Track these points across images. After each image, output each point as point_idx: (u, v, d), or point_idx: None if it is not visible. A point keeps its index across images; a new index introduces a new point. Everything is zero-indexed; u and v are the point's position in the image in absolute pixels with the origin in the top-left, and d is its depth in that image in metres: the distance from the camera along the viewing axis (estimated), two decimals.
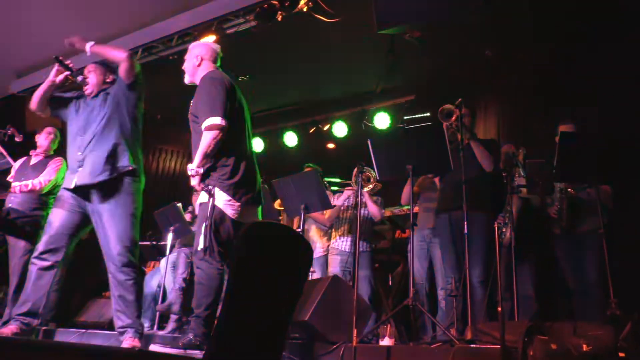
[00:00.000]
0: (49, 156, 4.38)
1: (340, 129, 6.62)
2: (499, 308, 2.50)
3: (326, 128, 6.74)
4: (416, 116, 6.03)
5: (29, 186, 4.13)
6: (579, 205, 3.58)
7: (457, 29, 4.66)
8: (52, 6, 4.91)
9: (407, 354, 2.68)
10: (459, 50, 5.12)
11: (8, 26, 5.19)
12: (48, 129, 4.46)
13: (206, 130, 2.81)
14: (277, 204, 4.88)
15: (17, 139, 4.38)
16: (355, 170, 4.37)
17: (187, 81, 3.17)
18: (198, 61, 3.10)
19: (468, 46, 5.03)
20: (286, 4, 4.52)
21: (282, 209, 4.66)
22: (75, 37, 3.20)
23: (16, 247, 4.07)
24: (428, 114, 5.86)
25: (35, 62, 5.80)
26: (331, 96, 6.55)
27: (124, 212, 3.03)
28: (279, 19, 4.56)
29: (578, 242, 3.56)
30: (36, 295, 2.96)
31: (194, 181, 2.85)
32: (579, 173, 3.27)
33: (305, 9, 4.46)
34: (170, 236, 4.89)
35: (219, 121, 2.80)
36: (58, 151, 4.45)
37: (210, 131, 2.80)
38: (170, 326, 4.67)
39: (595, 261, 3.35)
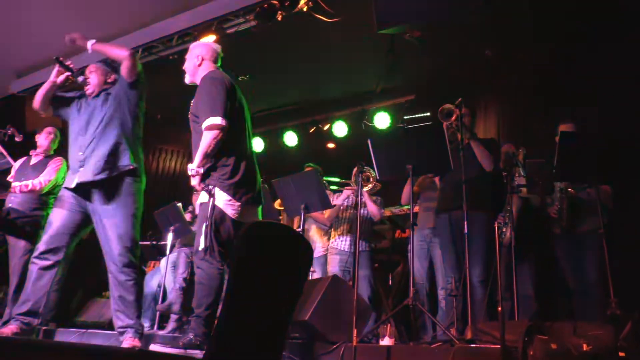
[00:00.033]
0: (49, 156, 4.38)
1: (340, 129, 6.62)
2: (499, 308, 2.50)
3: (326, 128, 6.74)
4: (416, 116, 6.04)
5: (29, 186, 4.13)
6: (579, 205, 3.58)
7: (457, 29, 4.66)
8: (52, 6, 4.91)
9: (407, 354, 2.68)
10: (459, 50, 5.12)
11: (8, 26, 5.19)
12: (48, 129, 4.46)
13: (206, 130, 2.81)
14: (277, 204, 4.88)
15: (17, 139, 4.38)
16: (355, 169, 4.37)
17: (188, 81, 3.17)
18: (199, 61, 3.10)
19: (468, 46, 5.03)
20: (286, 4, 4.52)
21: (282, 209, 4.65)
22: (76, 34, 3.20)
23: (16, 247, 4.07)
24: (428, 114, 5.86)
25: (35, 62, 5.80)
26: (331, 96, 6.54)
27: (125, 213, 3.03)
28: (279, 19, 4.56)
29: (578, 242, 3.56)
30: (36, 295, 2.95)
31: (194, 181, 2.85)
32: (579, 173, 3.27)
33: (305, 9, 4.45)
34: (170, 236, 4.89)
35: (220, 121, 2.81)
36: (58, 151, 4.45)
37: (210, 131, 2.80)
38: (170, 326, 4.67)
39: (595, 261, 3.35)
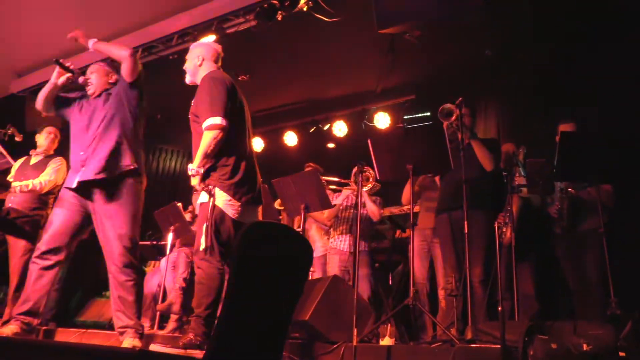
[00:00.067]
0: (49, 156, 4.38)
1: (340, 129, 6.62)
2: (500, 307, 2.50)
3: (326, 128, 6.75)
4: (416, 116, 6.04)
5: (29, 186, 4.13)
6: (580, 204, 3.57)
7: (457, 29, 4.65)
8: (52, 6, 4.91)
9: (408, 354, 2.68)
10: (459, 50, 5.11)
11: (8, 26, 5.19)
12: (48, 129, 4.46)
13: (207, 130, 2.81)
14: (277, 204, 4.88)
15: (17, 139, 4.39)
16: (355, 169, 4.37)
17: (189, 81, 3.17)
18: (199, 61, 3.10)
19: (468, 46, 5.03)
20: (286, 4, 4.52)
21: (282, 209, 4.65)
22: (78, 32, 3.20)
23: (16, 247, 4.07)
24: (428, 114, 5.87)
25: (35, 62, 5.80)
26: (331, 96, 6.54)
27: (126, 213, 3.02)
28: (279, 19, 4.55)
29: (578, 242, 3.55)
30: (37, 295, 2.95)
31: (195, 181, 2.85)
32: (580, 172, 3.27)
33: (305, 9, 4.45)
34: (170, 236, 4.89)
35: (220, 121, 2.81)
36: (58, 151, 4.45)
37: (210, 131, 2.80)
38: (170, 326, 4.66)
39: (595, 260, 3.35)
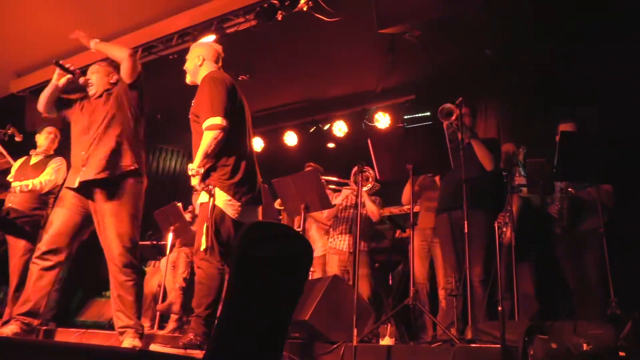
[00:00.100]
0: (49, 156, 4.38)
1: (340, 129, 6.62)
2: (500, 307, 2.50)
3: (326, 128, 6.75)
4: (416, 116, 6.04)
5: (29, 186, 4.13)
6: (580, 204, 3.57)
7: (457, 29, 4.65)
8: (52, 6, 4.91)
9: (408, 354, 2.68)
10: (459, 50, 5.12)
11: (8, 26, 5.19)
12: (48, 129, 4.46)
13: (207, 130, 2.81)
14: (277, 204, 4.88)
15: (17, 139, 4.38)
16: (354, 169, 4.37)
17: (189, 81, 3.18)
18: (200, 61, 3.10)
19: (468, 46, 5.03)
20: (286, 4, 4.52)
21: (282, 209, 4.65)
22: (80, 32, 3.20)
23: (16, 247, 4.07)
24: (428, 114, 5.87)
25: (35, 62, 5.80)
26: (331, 96, 6.55)
27: (126, 213, 3.03)
28: (279, 19, 4.55)
29: (578, 242, 3.55)
30: (37, 295, 2.95)
31: (195, 181, 2.85)
32: (580, 172, 3.26)
33: (305, 9, 4.44)
34: (170, 236, 4.89)
35: (220, 121, 2.81)
36: (58, 151, 4.45)
37: (211, 131, 2.80)
38: (170, 326, 4.66)
39: (595, 260, 3.34)
